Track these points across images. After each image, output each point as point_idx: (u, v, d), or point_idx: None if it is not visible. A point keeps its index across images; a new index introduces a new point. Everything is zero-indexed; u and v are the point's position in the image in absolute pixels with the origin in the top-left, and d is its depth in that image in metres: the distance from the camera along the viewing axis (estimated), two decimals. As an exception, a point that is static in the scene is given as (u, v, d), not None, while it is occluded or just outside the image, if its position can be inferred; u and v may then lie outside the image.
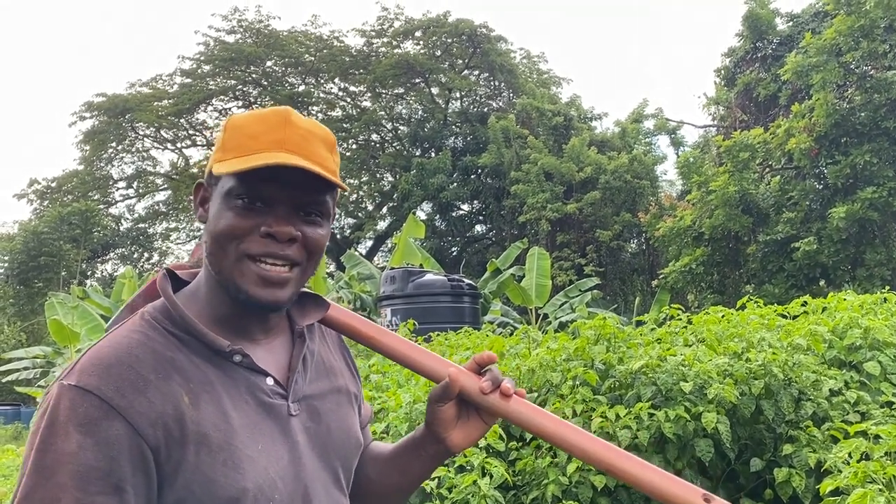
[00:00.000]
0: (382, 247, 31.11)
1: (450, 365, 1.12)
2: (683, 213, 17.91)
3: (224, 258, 1.00)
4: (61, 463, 0.87)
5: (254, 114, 1.04)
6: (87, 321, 15.58)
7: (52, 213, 29.31)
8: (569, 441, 1.06)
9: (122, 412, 0.90)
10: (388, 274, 12.16)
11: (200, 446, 0.93)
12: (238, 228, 0.99)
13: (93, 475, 0.88)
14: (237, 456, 0.95)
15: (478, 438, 1.13)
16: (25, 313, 27.61)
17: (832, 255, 15.01)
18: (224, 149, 1.01)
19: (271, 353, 1.07)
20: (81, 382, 0.91)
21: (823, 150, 15.74)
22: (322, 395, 1.11)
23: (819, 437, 3.28)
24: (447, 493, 3.41)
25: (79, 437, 0.88)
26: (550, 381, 3.91)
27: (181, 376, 0.96)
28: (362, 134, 32.47)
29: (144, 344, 0.96)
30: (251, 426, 0.98)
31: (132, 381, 0.92)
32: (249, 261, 0.99)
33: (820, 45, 15.41)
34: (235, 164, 0.98)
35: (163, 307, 1.02)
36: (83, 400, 0.89)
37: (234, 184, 0.99)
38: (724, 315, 4.51)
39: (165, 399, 0.93)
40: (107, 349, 0.95)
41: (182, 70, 31.72)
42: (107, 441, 0.89)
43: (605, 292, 22.17)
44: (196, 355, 0.99)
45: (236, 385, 1.00)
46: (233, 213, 0.99)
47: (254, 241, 0.99)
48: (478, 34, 30.12)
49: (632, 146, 25.66)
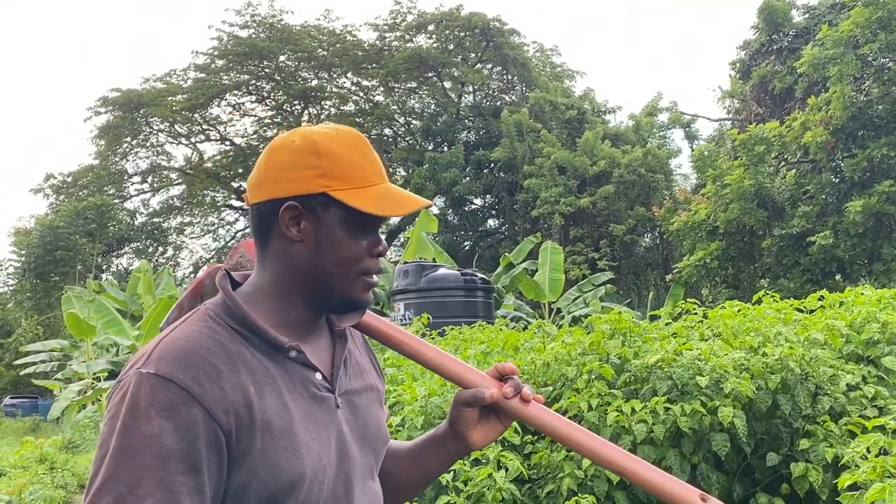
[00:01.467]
0: (395, 241, 31.16)
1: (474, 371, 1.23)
2: (698, 207, 17.82)
3: (344, 279, 1.11)
4: (144, 445, 0.94)
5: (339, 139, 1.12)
6: (102, 315, 15.71)
7: (68, 207, 29.55)
8: (580, 443, 1.18)
9: (200, 399, 0.97)
10: (401, 268, 12.17)
11: (266, 433, 1.01)
12: (359, 253, 1.11)
13: (174, 456, 0.95)
14: (297, 443, 1.04)
15: (496, 438, 1.24)
16: (42, 307, 27.88)
17: (848, 250, 14.90)
18: (333, 177, 1.09)
19: (318, 351, 1.16)
20: (161, 371, 0.98)
21: (840, 143, 15.60)
22: (359, 392, 1.21)
23: (836, 432, 3.26)
24: (463, 485, 3.43)
25: (160, 421, 0.95)
26: (566, 375, 3.90)
27: (247, 368, 1.04)
28: (375, 128, 32.51)
29: (212, 337, 1.04)
30: (306, 416, 1.07)
31: (207, 370, 1.00)
32: (363, 277, 1.13)
33: (837, 37, 15.27)
34: (374, 202, 1.09)
35: (223, 304, 1.10)
36: (163, 387, 0.97)
37: (359, 215, 1.09)
38: (741, 309, 4.49)
39: (236, 388, 1.01)
40: (181, 341, 1.02)
41: (196, 65, 31.89)
42: (186, 425, 0.96)
43: (619, 287, 22.11)
44: (256, 350, 1.07)
45: (292, 378, 1.08)
46: (353, 240, 1.11)
47: (369, 262, 1.13)
48: (490, 28, 30.04)
49: (646, 140, 25.55)
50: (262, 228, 1.12)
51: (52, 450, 10.13)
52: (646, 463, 1.17)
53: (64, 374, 17.14)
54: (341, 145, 1.11)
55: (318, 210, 1.09)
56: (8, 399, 24.33)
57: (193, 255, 36.19)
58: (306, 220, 1.10)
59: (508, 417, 1.22)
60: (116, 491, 0.93)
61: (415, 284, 11.55)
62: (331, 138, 1.11)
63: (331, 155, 1.10)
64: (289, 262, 1.11)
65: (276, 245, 1.12)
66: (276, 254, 1.12)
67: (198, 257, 35.74)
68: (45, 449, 10.07)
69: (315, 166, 1.09)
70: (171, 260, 35.38)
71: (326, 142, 1.11)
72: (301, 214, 1.10)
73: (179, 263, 35.67)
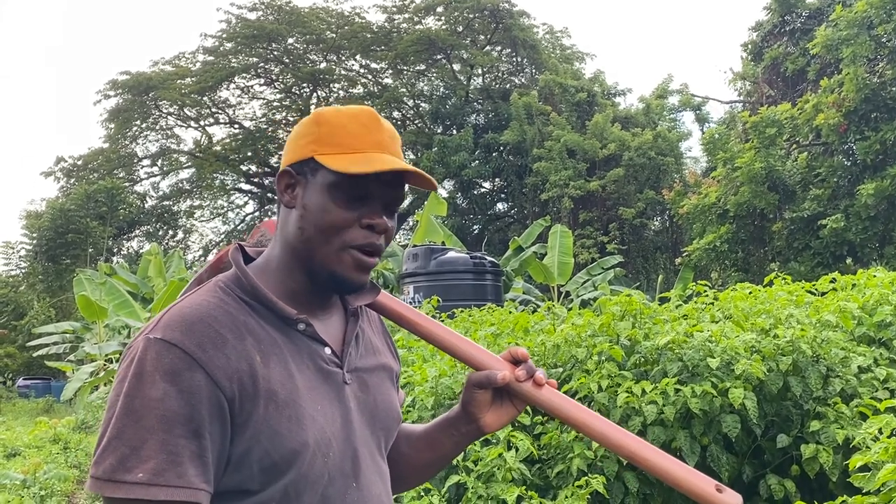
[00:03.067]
0: (405, 225, 31.15)
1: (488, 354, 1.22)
2: (708, 190, 17.71)
3: (325, 247, 1.09)
4: (149, 408, 0.95)
5: (343, 111, 1.12)
6: (114, 297, 15.83)
7: (79, 190, 29.66)
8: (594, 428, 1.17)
9: (203, 365, 0.98)
10: (410, 251, 12.19)
11: (269, 401, 1.02)
12: (344, 220, 1.09)
13: (177, 420, 0.96)
14: (300, 413, 1.04)
15: (508, 421, 1.24)
16: (54, 289, 28.07)
17: (860, 233, 14.79)
18: (323, 143, 1.10)
19: (329, 327, 1.16)
20: (167, 336, 0.99)
21: (852, 125, 15.45)
22: (370, 370, 1.21)
23: (847, 414, 3.26)
24: (473, 465, 3.45)
25: (164, 385, 0.96)
26: (576, 356, 3.91)
27: (253, 338, 1.04)
28: (384, 111, 32.38)
29: (221, 307, 1.05)
30: (311, 388, 1.07)
31: (212, 337, 1.00)
32: (350, 250, 1.10)
33: (850, 18, 15.08)
34: (349, 163, 1.07)
35: (235, 277, 1.11)
36: (168, 352, 0.98)
37: (341, 179, 1.08)
38: (752, 291, 4.48)
39: (240, 356, 1.01)
40: (188, 309, 1.03)
41: (204, 48, 31.84)
42: (189, 390, 0.97)
43: (628, 270, 22.07)
44: (265, 321, 1.08)
45: (299, 351, 1.09)
46: (338, 206, 1.08)
47: (356, 232, 1.10)
48: (500, 9, 29.81)
49: (656, 122, 25.38)
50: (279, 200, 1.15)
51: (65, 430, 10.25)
52: (661, 451, 1.16)
53: (76, 356, 17.30)
54: (343, 116, 1.12)
55: (308, 175, 1.11)
56: (22, 380, 24.56)
57: (203, 238, 36.33)
58: (299, 187, 1.12)
59: (521, 401, 1.21)
60: (120, 451, 0.94)
61: (424, 268, 11.57)
62: (338, 111, 1.13)
63: (328, 123, 1.11)
64: (286, 231, 1.13)
65: (281, 216, 1.14)
66: (280, 225, 1.15)
67: (208, 240, 35.90)
68: (58, 429, 10.20)
69: (311, 133, 1.12)
70: (182, 243, 35.53)
71: (330, 113, 1.13)
72: (296, 181, 1.12)
73: (189, 246, 35.84)
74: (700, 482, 1.11)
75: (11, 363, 26.32)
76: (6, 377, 24.40)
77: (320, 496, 1.06)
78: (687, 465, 1.15)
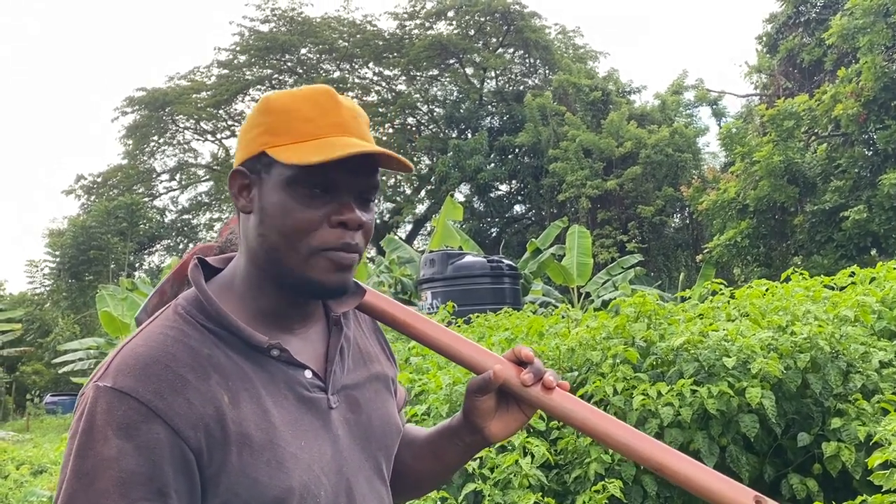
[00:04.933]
0: (422, 230, 31.15)
1: (489, 355, 1.10)
2: (727, 186, 17.54)
3: (293, 254, 0.95)
4: (102, 469, 0.84)
5: (294, 94, 0.98)
6: (135, 312, 15.98)
7: (99, 207, 30.02)
8: (614, 437, 1.04)
9: (162, 415, 0.86)
10: (427, 257, 12.18)
11: (243, 447, 0.90)
12: (309, 221, 0.94)
13: (135, 480, 0.84)
14: (280, 455, 0.92)
15: (517, 430, 1.11)
16: (78, 306, 28.42)
17: (884, 224, 14.57)
18: (274, 133, 0.95)
19: (308, 344, 1.03)
20: (118, 384, 0.87)
21: (872, 114, 15.23)
22: (360, 385, 1.08)
23: (869, 410, 3.19)
24: (489, 472, 3.42)
25: (118, 441, 0.85)
26: (591, 359, 3.87)
27: (219, 374, 0.92)
28: (398, 118, 32.48)
29: (180, 341, 0.92)
30: (293, 423, 0.95)
31: (170, 381, 0.88)
32: (322, 253, 0.95)
33: (867, 6, 14.88)
34: (305, 152, 0.92)
35: (196, 300, 0.97)
36: (121, 403, 0.86)
37: (299, 172, 0.93)
38: (768, 288, 4.41)
39: (205, 400, 0.89)
40: (142, 347, 0.91)
41: (218, 61, 32.11)
42: (147, 445, 0.85)
43: (649, 269, 21.90)
44: (232, 350, 0.94)
45: (274, 381, 0.96)
46: (300, 204, 0.94)
47: (326, 233, 0.95)
48: (511, 11, 29.79)
49: (672, 119, 25.20)
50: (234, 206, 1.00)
51: (91, 445, 10.33)
52: (688, 458, 1.03)
53: (101, 372, 17.47)
54: (295, 100, 0.97)
55: (262, 173, 0.96)
56: (49, 397, 24.84)
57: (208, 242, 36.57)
58: (255, 187, 0.97)
59: (530, 407, 1.08)
60: None
61: (441, 273, 11.55)
62: (289, 94, 0.98)
63: (277, 110, 0.97)
64: (248, 239, 0.98)
65: (241, 223, 1.00)
66: (242, 233, 1.00)
67: (227, 253, 36.07)
68: (84, 445, 10.28)
69: (261, 124, 0.97)
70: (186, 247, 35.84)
71: (280, 97, 0.98)
72: (250, 181, 0.98)
73: (210, 259, 36.08)
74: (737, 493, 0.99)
75: (39, 380, 26.67)
76: (34, 394, 24.71)
77: None
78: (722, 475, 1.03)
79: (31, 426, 19.88)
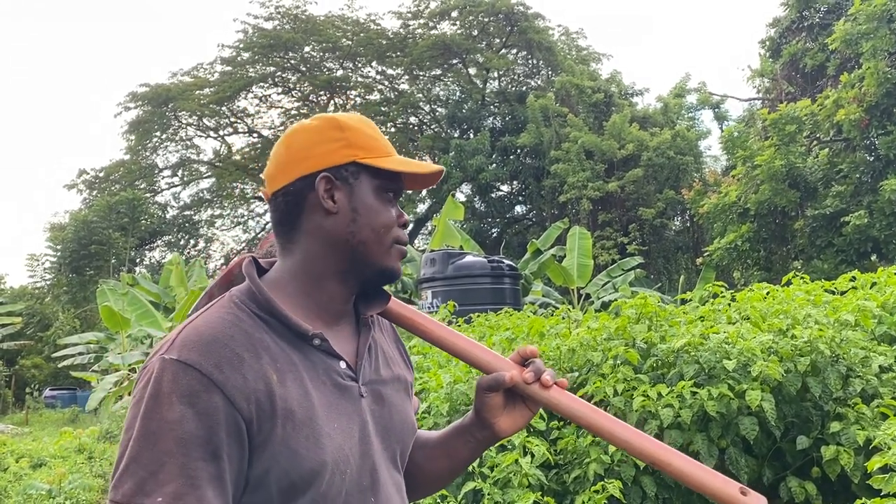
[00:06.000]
0: (422, 229, 31.18)
1: (500, 358, 1.20)
2: (728, 189, 17.56)
3: (379, 246, 1.13)
4: (166, 430, 0.95)
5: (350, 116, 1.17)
6: (136, 307, 15.98)
7: (101, 202, 30.01)
8: (607, 430, 1.13)
9: (221, 386, 0.97)
10: (428, 256, 12.19)
11: (287, 421, 1.01)
12: (392, 220, 1.15)
13: (194, 442, 0.95)
14: (318, 432, 1.03)
15: (523, 425, 1.22)
16: (78, 300, 28.42)
17: (884, 229, 14.58)
18: (357, 147, 1.13)
19: (342, 340, 1.15)
20: (183, 357, 0.98)
21: (874, 120, 15.24)
22: (385, 382, 1.20)
23: (868, 415, 3.20)
24: (489, 471, 3.44)
25: (181, 407, 0.96)
26: (591, 360, 3.89)
27: (269, 356, 1.03)
28: (400, 117, 32.51)
29: (236, 324, 1.04)
30: (329, 406, 1.07)
31: (229, 357, 0.99)
32: (396, 245, 1.15)
33: (870, 12, 14.89)
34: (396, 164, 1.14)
35: (248, 291, 1.10)
36: (185, 373, 0.97)
37: (383, 181, 1.14)
38: (769, 292, 4.42)
39: (257, 376, 1.00)
40: (203, 327, 1.02)
41: (222, 58, 32.13)
42: (206, 412, 0.96)
43: (649, 271, 21.91)
44: (279, 337, 1.07)
45: (315, 367, 1.08)
46: (385, 206, 1.14)
47: (398, 230, 1.16)
48: (514, 12, 29.80)
49: (674, 122, 25.21)
50: (291, 211, 1.13)
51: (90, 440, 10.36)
52: (679, 453, 1.11)
53: (100, 366, 17.48)
54: (356, 121, 1.17)
55: (349, 179, 1.13)
56: (48, 391, 24.87)
57: (224, 247, 36.55)
58: (339, 191, 1.12)
59: (534, 403, 1.19)
60: (138, 476, 0.94)
61: (442, 272, 11.56)
62: (346, 116, 1.17)
63: (352, 128, 1.15)
64: (324, 238, 1.13)
65: (308, 224, 1.13)
66: (308, 233, 1.13)
67: (228, 249, 36.14)
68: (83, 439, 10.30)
69: (340, 139, 1.14)
70: (203, 252, 35.78)
71: (343, 118, 1.16)
72: (334, 186, 1.12)
73: (211, 255, 36.07)
74: (722, 485, 1.06)
75: (38, 374, 26.68)
76: (33, 388, 24.70)
77: None
78: (707, 467, 1.10)
79: (30, 420, 19.88)
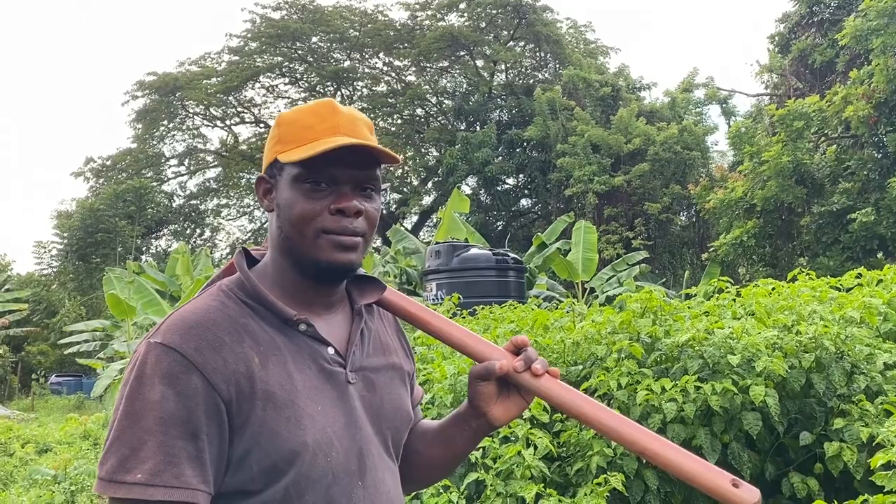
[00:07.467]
0: (428, 222, 31.15)
1: (493, 347, 1.22)
2: (735, 185, 17.50)
3: (301, 238, 1.12)
4: (147, 410, 0.99)
5: (301, 108, 1.16)
6: (142, 295, 16.02)
7: (108, 190, 30.06)
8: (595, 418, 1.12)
9: (200, 368, 1.01)
10: (433, 248, 12.20)
11: (267, 402, 1.04)
12: (311, 210, 1.11)
13: (174, 422, 0.98)
14: (299, 413, 1.05)
15: (517, 414, 1.22)
16: (85, 288, 28.51)
17: (891, 227, 14.52)
18: (283, 141, 1.14)
19: (332, 327, 1.17)
20: (166, 340, 1.02)
21: (883, 117, 15.17)
22: (377, 369, 1.21)
23: (872, 412, 3.20)
24: (492, 463, 3.45)
25: (162, 388, 0.99)
26: (595, 353, 3.89)
27: (252, 340, 1.07)
28: (407, 109, 32.44)
29: (221, 310, 1.08)
30: (312, 389, 1.09)
31: (209, 341, 1.03)
32: (325, 235, 1.11)
33: (881, 8, 14.79)
34: (301, 152, 1.10)
35: (238, 280, 1.14)
36: (167, 356, 1.01)
37: (301, 170, 1.11)
38: (774, 287, 4.42)
39: (238, 359, 1.04)
40: (188, 313, 1.07)
41: (229, 48, 32.09)
42: (186, 393, 0.99)
43: (654, 266, 21.87)
44: (266, 323, 1.10)
45: (300, 351, 1.11)
46: (304, 196, 1.11)
47: (326, 219, 1.11)
48: (523, 4, 29.68)
49: (682, 116, 25.11)
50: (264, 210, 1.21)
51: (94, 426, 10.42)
52: (671, 444, 1.10)
53: (106, 353, 17.54)
54: (300, 112, 1.16)
55: (276, 176, 1.15)
56: (54, 377, 24.96)
57: (230, 237, 36.65)
58: (274, 190, 1.16)
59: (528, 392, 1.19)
60: (120, 453, 0.98)
61: (447, 265, 11.57)
62: (296, 109, 1.17)
63: (285, 123, 1.16)
64: (272, 234, 1.17)
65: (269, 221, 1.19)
66: (269, 230, 1.19)
67: (234, 238, 36.21)
68: (88, 425, 10.37)
69: (274, 136, 1.17)
70: (209, 241, 35.87)
71: (288, 113, 1.17)
72: (271, 185, 1.17)
73: (217, 245, 36.18)
74: (715, 476, 1.06)
75: (44, 360, 26.80)
76: (39, 374, 24.83)
77: (324, 495, 1.07)
78: (701, 459, 1.09)
79: (35, 406, 20.01)
